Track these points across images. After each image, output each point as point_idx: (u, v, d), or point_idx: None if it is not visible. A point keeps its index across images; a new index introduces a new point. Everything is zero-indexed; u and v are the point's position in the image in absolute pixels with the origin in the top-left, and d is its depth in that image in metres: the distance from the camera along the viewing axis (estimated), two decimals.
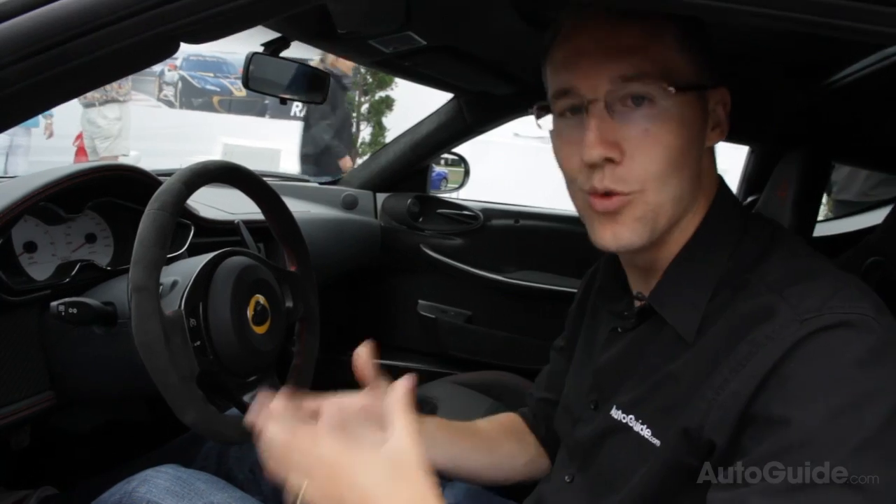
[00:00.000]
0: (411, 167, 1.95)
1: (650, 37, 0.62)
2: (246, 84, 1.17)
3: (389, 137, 6.74)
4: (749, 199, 1.86)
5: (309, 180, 2.13)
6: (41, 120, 5.58)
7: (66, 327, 0.91)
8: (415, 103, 3.10)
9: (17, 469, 1.18)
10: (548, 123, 0.69)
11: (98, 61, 0.58)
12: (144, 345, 0.76)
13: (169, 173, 0.89)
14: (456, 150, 2.00)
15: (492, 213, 1.94)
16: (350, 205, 1.93)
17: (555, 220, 1.92)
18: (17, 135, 5.48)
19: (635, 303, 0.74)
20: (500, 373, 1.67)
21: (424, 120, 1.90)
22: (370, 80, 7.64)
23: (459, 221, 1.95)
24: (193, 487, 0.86)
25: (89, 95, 5.29)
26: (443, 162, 2.09)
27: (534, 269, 1.92)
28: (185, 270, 0.89)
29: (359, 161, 3.90)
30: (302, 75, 1.31)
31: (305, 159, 4.71)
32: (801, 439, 0.53)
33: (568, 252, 1.63)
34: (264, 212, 1.05)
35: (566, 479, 0.79)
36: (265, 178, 1.03)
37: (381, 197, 1.98)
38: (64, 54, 0.57)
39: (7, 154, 5.51)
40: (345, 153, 4.67)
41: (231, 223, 1.24)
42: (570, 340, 0.92)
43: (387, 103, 7.72)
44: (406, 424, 0.57)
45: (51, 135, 5.76)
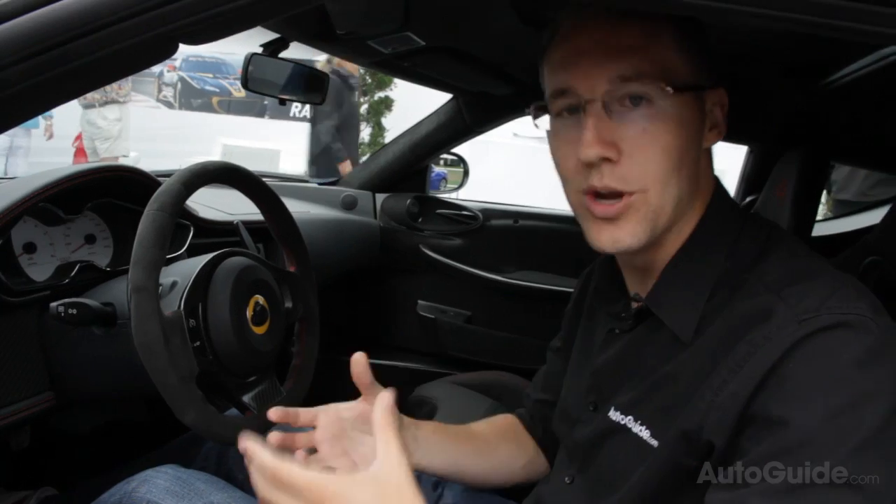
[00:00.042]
0: (410, 167, 1.95)
1: (649, 37, 0.62)
2: (245, 85, 1.18)
3: (389, 138, 6.74)
4: (748, 199, 1.86)
5: (308, 181, 2.13)
6: (41, 121, 5.58)
7: (66, 328, 0.92)
8: (414, 104, 3.10)
9: (17, 470, 1.18)
10: (545, 124, 0.69)
11: (99, 62, 0.58)
12: (144, 345, 0.76)
13: (168, 174, 0.89)
14: (455, 150, 2.00)
15: (491, 214, 1.94)
16: (349, 205, 1.93)
17: (554, 221, 1.92)
18: (17, 136, 5.49)
19: (632, 304, 0.74)
20: (500, 373, 1.67)
21: (423, 120, 1.90)
22: (369, 81, 7.64)
23: (459, 222, 1.95)
24: (193, 487, 0.86)
25: (89, 96, 5.29)
26: (442, 162, 2.10)
27: (533, 270, 1.91)
28: (184, 271, 0.89)
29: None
30: (300, 76, 1.31)
31: (315, 160, 4.64)
32: (800, 440, 0.53)
33: (567, 252, 1.63)
34: (263, 212, 1.05)
35: (566, 480, 0.79)
36: (264, 179, 1.03)
37: (380, 197, 1.98)
38: (65, 55, 0.57)
39: (7, 155, 5.51)
40: (345, 157, 4.53)
41: (230, 224, 1.24)
42: (567, 341, 0.91)
43: (386, 104, 7.73)
44: (392, 443, 0.56)
45: (51, 136, 5.77)
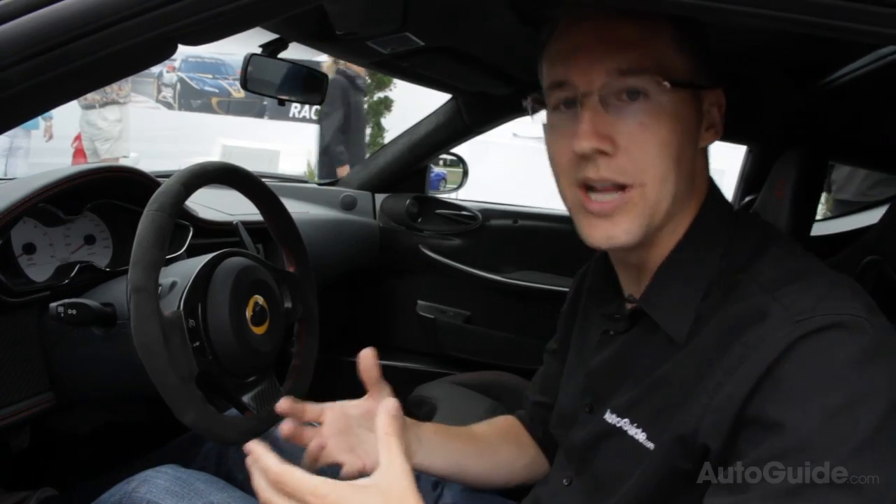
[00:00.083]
0: (410, 168, 1.95)
1: (648, 34, 0.62)
2: (244, 85, 1.18)
3: (388, 138, 6.74)
4: (747, 199, 1.86)
5: (307, 181, 2.13)
6: (41, 122, 5.59)
7: (66, 328, 0.92)
8: (413, 104, 3.10)
9: (17, 470, 1.18)
10: (542, 118, 0.69)
11: (100, 62, 0.58)
12: (143, 345, 0.76)
13: (168, 175, 0.89)
14: (454, 150, 2.00)
15: (490, 214, 1.94)
16: (349, 205, 1.94)
17: (553, 221, 1.92)
18: (17, 137, 5.48)
19: (626, 305, 0.74)
20: (500, 373, 1.67)
21: (423, 120, 1.90)
22: (369, 82, 7.63)
23: (458, 222, 1.95)
24: (193, 487, 0.86)
25: (89, 97, 5.29)
26: (441, 162, 2.09)
27: (532, 270, 1.92)
28: (183, 271, 0.89)
29: None
30: (299, 76, 1.31)
31: (320, 160, 4.61)
32: (797, 441, 0.53)
33: (567, 252, 1.62)
34: (263, 213, 1.05)
35: (564, 481, 0.79)
36: (264, 179, 1.03)
37: (379, 197, 1.98)
38: (66, 55, 0.57)
39: (6, 156, 5.51)
40: (346, 161, 4.48)
41: (230, 224, 1.24)
42: (563, 342, 0.91)
43: (385, 104, 7.71)
44: (395, 451, 0.57)
45: (50, 137, 5.77)
